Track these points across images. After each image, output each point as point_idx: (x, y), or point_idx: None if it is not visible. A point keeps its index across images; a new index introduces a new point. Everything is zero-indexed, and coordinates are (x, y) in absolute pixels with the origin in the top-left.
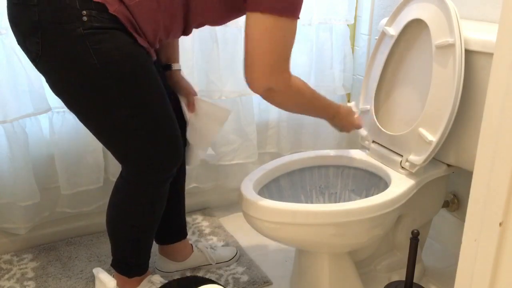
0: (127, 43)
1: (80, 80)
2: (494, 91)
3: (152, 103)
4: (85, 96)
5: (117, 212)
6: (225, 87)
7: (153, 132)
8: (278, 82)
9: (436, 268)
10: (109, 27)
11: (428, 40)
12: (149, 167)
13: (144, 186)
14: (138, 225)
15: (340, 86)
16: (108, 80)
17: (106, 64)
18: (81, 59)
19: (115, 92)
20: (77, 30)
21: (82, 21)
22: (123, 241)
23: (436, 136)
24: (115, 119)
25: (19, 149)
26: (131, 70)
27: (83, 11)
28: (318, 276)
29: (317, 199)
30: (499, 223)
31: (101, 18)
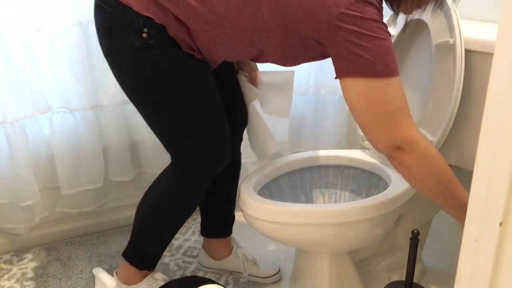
0: (178, 57)
1: (136, 83)
2: (494, 91)
3: (199, 107)
4: (139, 96)
5: (155, 201)
6: None
7: (200, 132)
8: (399, 139)
9: (436, 268)
10: (164, 44)
11: (428, 40)
12: (193, 163)
13: (188, 179)
14: (171, 217)
15: None
16: (157, 86)
17: (157, 72)
18: (138, 67)
19: (163, 97)
20: (136, 44)
21: (142, 37)
22: (150, 232)
23: (436, 136)
24: (163, 119)
25: (19, 149)
26: (177, 80)
27: (145, 28)
28: (318, 276)
29: (317, 199)
30: (499, 223)
31: (158, 37)
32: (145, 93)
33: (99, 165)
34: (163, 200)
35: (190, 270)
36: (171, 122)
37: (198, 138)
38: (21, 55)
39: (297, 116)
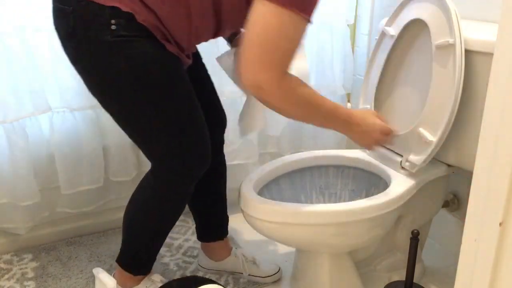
0: (154, 49)
1: (110, 84)
2: (494, 91)
3: (175, 107)
4: (115, 98)
5: (139, 206)
6: (225, 87)
7: (176, 135)
8: (267, 79)
9: (436, 268)
10: (137, 35)
11: (428, 40)
12: (173, 168)
13: (170, 185)
14: (157, 222)
15: (340, 86)
16: (135, 84)
17: (133, 68)
18: (111, 64)
19: (140, 95)
20: (106, 38)
21: (111, 30)
22: (139, 239)
23: (436, 136)
24: (142, 120)
25: (19, 149)
26: (155, 76)
27: (112, 20)
28: (318, 276)
29: (317, 199)
30: (499, 223)
31: (129, 27)
32: (122, 93)
33: (99, 165)
34: (146, 208)
35: (190, 270)
36: (150, 123)
37: (179, 140)
38: (21, 55)
39: None
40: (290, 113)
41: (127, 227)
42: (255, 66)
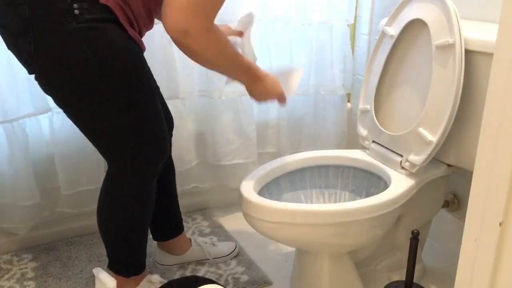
0: (120, 38)
1: (73, 76)
2: (494, 91)
3: (141, 100)
4: (77, 92)
5: (105, 212)
6: (225, 87)
7: (140, 129)
8: (196, 26)
9: (436, 268)
10: (101, 18)
11: (428, 40)
12: (133, 164)
13: (129, 184)
14: (127, 224)
15: (340, 86)
16: (100, 75)
17: (98, 59)
18: (75, 55)
19: (106, 87)
20: (70, 25)
21: (74, 15)
22: (115, 241)
23: (436, 136)
24: (105, 115)
25: (19, 149)
26: (122, 67)
27: (74, 4)
28: (318, 276)
29: (317, 199)
30: (499, 223)
31: (92, 9)
32: (86, 88)
33: (99, 165)
34: (114, 212)
35: (190, 270)
36: (113, 119)
37: (140, 135)
38: None
39: (297, 116)
40: (207, 59)
41: (103, 233)
42: (187, 13)
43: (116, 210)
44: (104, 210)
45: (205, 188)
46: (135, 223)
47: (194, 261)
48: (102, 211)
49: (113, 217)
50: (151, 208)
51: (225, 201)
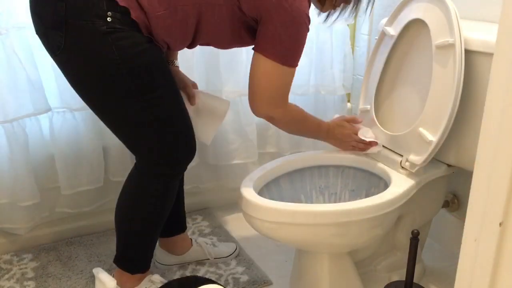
0: (143, 41)
1: (99, 73)
2: (494, 91)
3: (165, 97)
4: (102, 88)
5: (127, 203)
6: (225, 87)
7: (166, 126)
8: (276, 113)
9: (436, 268)
10: (128, 28)
11: (428, 40)
12: (161, 161)
13: (156, 179)
14: (147, 217)
15: (340, 86)
16: (126, 73)
17: (125, 58)
18: (103, 54)
19: (131, 84)
20: (101, 28)
21: (107, 21)
22: (130, 234)
23: (436, 136)
24: (129, 112)
25: (19, 149)
26: (147, 64)
27: (109, 12)
28: (318, 276)
29: (317, 199)
30: (499, 223)
31: (123, 21)
32: (112, 83)
33: (99, 165)
34: (135, 205)
35: (190, 270)
36: (139, 115)
37: (166, 133)
38: (21, 55)
39: None
40: (289, 130)
41: (119, 225)
42: (263, 105)
43: (137, 204)
44: (124, 202)
45: (205, 188)
46: (153, 219)
47: (194, 261)
48: (123, 203)
49: (133, 210)
50: (170, 206)
51: (225, 201)
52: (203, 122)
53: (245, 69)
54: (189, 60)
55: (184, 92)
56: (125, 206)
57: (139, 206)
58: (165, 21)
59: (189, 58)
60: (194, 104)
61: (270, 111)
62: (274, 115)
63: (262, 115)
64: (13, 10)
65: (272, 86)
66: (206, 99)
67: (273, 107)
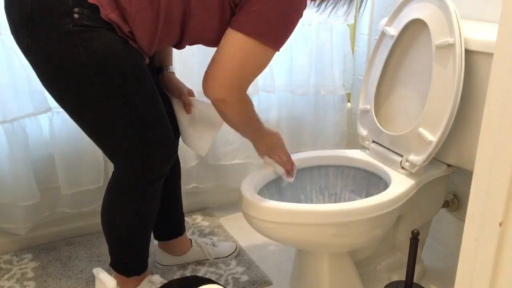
0: (116, 42)
1: (68, 75)
2: (494, 91)
3: (139, 101)
4: (72, 91)
5: (110, 211)
6: None
7: (141, 131)
8: (233, 97)
9: (436, 268)
10: (99, 26)
11: (428, 40)
12: (138, 167)
13: (135, 185)
14: (131, 224)
15: (340, 86)
16: (95, 77)
17: (93, 60)
18: (69, 55)
19: (101, 89)
20: (67, 26)
21: (73, 18)
22: (118, 241)
23: (436, 136)
24: (102, 116)
25: (19, 149)
26: (117, 68)
27: (75, 8)
28: (318, 276)
29: (317, 199)
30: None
31: (92, 17)
32: (80, 87)
33: (99, 165)
34: (117, 211)
35: (190, 270)
36: (112, 120)
37: (143, 137)
38: (21, 55)
39: (297, 116)
40: (234, 123)
41: (105, 231)
42: (224, 86)
43: (120, 210)
44: (108, 209)
45: (205, 188)
46: (139, 224)
47: (194, 262)
48: (106, 211)
49: (117, 217)
50: (155, 209)
51: (225, 201)
52: (198, 132)
53: None
54: (189, 62)
55: (180, 100)
56: (108, 214)
57: (122, 212)
58: (147, 16)
59: (189, 60)
60: (190, 113)
61: (228, 94)
62: (230, 99)
63: (215, 97)
64: None
65: (245, 66)
66: (202, 108)
67: (234, 90)
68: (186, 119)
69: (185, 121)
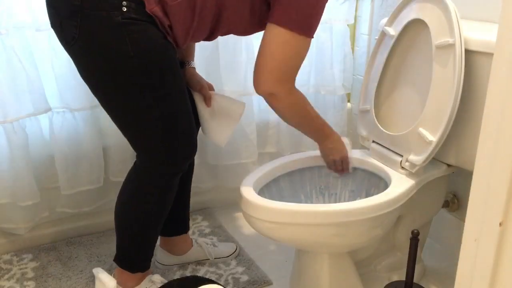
0: (158, 36)
1: (112, 66)
2: (494, 91)
3: (172, 96)
4: (112, 81)
5: (127, 202)
6: (225, 87)
7: (170, 124)
8: (281, 90)
9: (436, 268)
10: (144, 20)
11: (428, 40)
12: (162, 158)
13: (156, 176)
14: (146, 216)
15: (340, 86)
16: (138, 67)
17: (138, 52)
18: (116, 46)
19: (142, 79)
20: (116, 19)
21: (122, 11)
22: (130, 233)
23: (436, 136)
24: (136, 107)
25: (19, 149)
26: (159, 61)
27: (124, 1)
28: (318, 276)
29: (317, 199)
30: (499, 223)
31: (138, 11)
32: (123, 77)
33: (99, 165)
34: (135, 203)
35: (190, 270)
36: (146, 112)
37: (169, 130)
38: (21, 55)
39: None
40: (288, 118)
41: (119, 224)
42: (274, 81)
43: (136, 201)
44: (124, 200)
45: (205, 188)
46: (152, 217)
47: (194, 261)
48: (122, 201)
49: (131, 208)
50: (170, 204)
51: (225, 201)
52: (218, 124)
53: (245, 69)
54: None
55: (201, 94)
56: (125, 204)
57: (139, 204)
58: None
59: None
60: (210, 106)
61: (275, 87)
62: (278, 92)
63: (265, 91)
64: (13, 10)
65: (286, 58)
66: (222, 101)
67: (281, 82)
68: (207, 112)
69: (206, 114)
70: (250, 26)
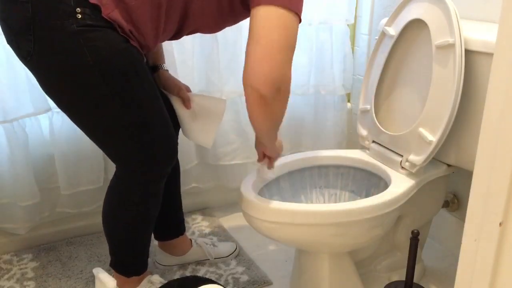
0: (119, 41)
1: (72, 77)
2: (494, 91)
3: (142, 101)
4: (76, 93)
5: (111, 211)
6: (225, 87)
7: (144, 131)
8: (285, 80)
9: (436, 268)
10: (102, 25)
11: (428, 40)
12: (141, 166)
13: (137, 184)
14: (132, 224)
15: (340, 86)
16: (99, 77)
17: (98, 60)
18: (74, 56)
19: (106, 89)
20: (71, 27)
21: (76, 18)
22: (119, 240)
23: (436, 136)
24: (106, 117)
25: (19, 149)
26: (122, 68)
27: (77, 8)
28: (318, 276)
29: (317, 199)
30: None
31: (94, 17)
32: (85, 88)
33: (99, 165)
34: (118, 212)
35: (190, 270)
36: (114, 120)
37: (143, 138)
38: None
39: (297, 116)
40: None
41: (106, 231)
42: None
43: (121, 210)
44: (109, 209)
45: (205, 188)
46: (139, 224)
47: (194, 262)
48: (107, 210)
49: (118, 217)
50: (156, 209)
51: (225, 201)
52: (201, 125)
53: None
54: (189, 60)
55: (179, 96)
56: (109, 213)
57: (122, 212)
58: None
59: (189, 58)
60: (190, 108)
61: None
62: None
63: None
64: None
65: (287, 40)
66: (201, 101)
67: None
68: (187, 114)
69: (187, 117)
70: (220, 21)
